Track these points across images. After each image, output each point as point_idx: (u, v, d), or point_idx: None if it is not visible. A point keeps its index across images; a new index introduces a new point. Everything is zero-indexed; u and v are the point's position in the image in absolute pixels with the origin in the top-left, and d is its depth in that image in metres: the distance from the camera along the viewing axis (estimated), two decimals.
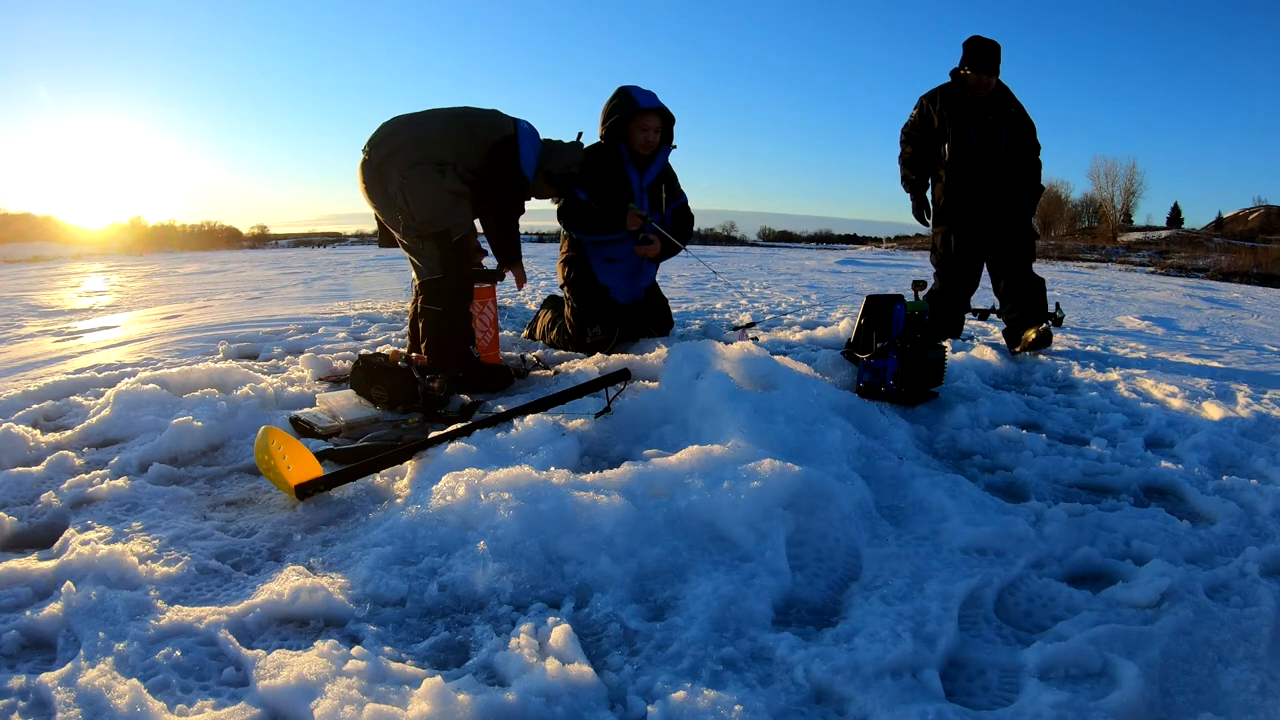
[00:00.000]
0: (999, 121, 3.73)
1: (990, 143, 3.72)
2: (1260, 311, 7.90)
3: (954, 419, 2.45)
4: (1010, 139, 3.75)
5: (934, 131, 3.81)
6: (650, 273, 3.68)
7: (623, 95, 3.34)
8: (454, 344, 2.80)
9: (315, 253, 22.29)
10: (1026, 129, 3.81)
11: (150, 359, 3.17)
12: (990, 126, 3.72)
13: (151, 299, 7.32)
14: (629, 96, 3.32)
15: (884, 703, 1.04)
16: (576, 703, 1.04)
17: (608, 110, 3.38)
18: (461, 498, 1.54)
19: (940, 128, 3.78)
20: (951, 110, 3.75)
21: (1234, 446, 2.23)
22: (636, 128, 3.34)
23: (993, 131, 3.72)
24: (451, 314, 2.84)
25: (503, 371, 2.87)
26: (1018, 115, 3.80)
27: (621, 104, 3.32)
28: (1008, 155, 3.74)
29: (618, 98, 3.35)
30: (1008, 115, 3.76)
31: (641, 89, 3.37)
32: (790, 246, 46.85)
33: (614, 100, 3.36)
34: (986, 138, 3.73)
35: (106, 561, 1.36)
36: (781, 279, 9.95)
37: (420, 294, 2.89)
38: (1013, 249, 3.81)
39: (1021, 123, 3.80)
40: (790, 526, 1.50)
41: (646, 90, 3.37)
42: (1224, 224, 51.01)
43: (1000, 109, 3.75)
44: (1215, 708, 1.08)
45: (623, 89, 3.38)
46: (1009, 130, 3.75)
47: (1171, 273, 22.78)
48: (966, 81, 3.72)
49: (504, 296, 6.23)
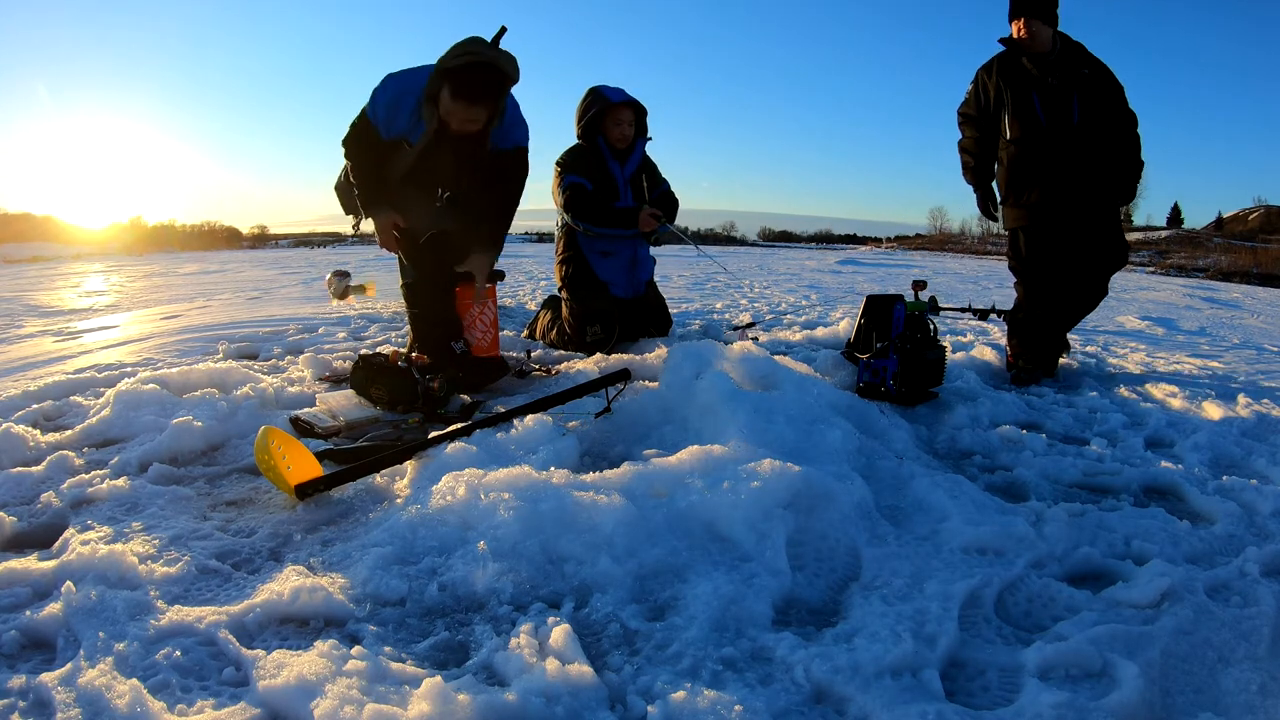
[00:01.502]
0: (1068, 87, 2.98)
1: (1059, 114, 2.98)
2: (1260, 311, 7.90)
3: (954, 419, 2.45)
4: (1086, 108, 2.98)
5: (993, 107, 3.14)
6: (648, 266, 3.73)
7: (594, 94, 3.49)
8: (437, 343, 2.74)
9: (315, 253, 22.27)
10: (1108, 94, 3.02)
11: (150, 359, 3.17)
12: (1057, 94, 2.98)
13: (151, 299, 7.32)
14: (600, 94, 3.47)
15: (884, 703, 1.04)
16: (576, 703, 1.04)
17: (582, 110, 3.51)
18: (461, 498, 1.54)
19: (998, 100, 3.10)
20: (1009, 79, 3.06)
21: (1234, 446, 2.23)
22: (611, 123, 3.47)
23: (1061, 100, 2.98)
24: (426, 314, 2.79)
25: (495, 362, 2.80)
26: (1094, 78, 3.01)
27: (595, 101, 3.46)
28: (1082, 129, 2.98)
29: (590, 97, 3.50)
30: (1079, 79, 2.99)
31: (611, 87, 3.51)
32: (790, 246, 46.89)
33: (586, 100, 3.50)
34: (1054, 108, 2.99)
35: (106, 561, 1.36)
36: (781, 279, 9.95)
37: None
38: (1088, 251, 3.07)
39: (1100, 87, 3.01)
40: (790, 526, 1.50)
41: (615, 87, 3.51)
42: (1224, 224, 51.02)
43: (1068, 70, 2.99)
44: (1215, 708, 1.08)
45: (593, 89, 3.52)
46: (1083, 98, 2.99)
47: (1171, 273, 22.79)
48: (1018, 42, 3.02)
49: (504, 297, 6.24)
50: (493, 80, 2.44)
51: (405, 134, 2.59)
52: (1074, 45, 3.05)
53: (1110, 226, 3.11)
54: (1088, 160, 2.99)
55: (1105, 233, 3.08)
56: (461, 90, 2.41)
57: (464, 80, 2.40)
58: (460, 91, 2.41)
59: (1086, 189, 3.01)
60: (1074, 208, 3.03)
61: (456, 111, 2.46)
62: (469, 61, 2.39)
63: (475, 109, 2.46)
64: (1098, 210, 3.05)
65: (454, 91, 2.41)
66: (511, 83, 2.53)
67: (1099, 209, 3.05)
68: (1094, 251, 3.08)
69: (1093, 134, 2.99)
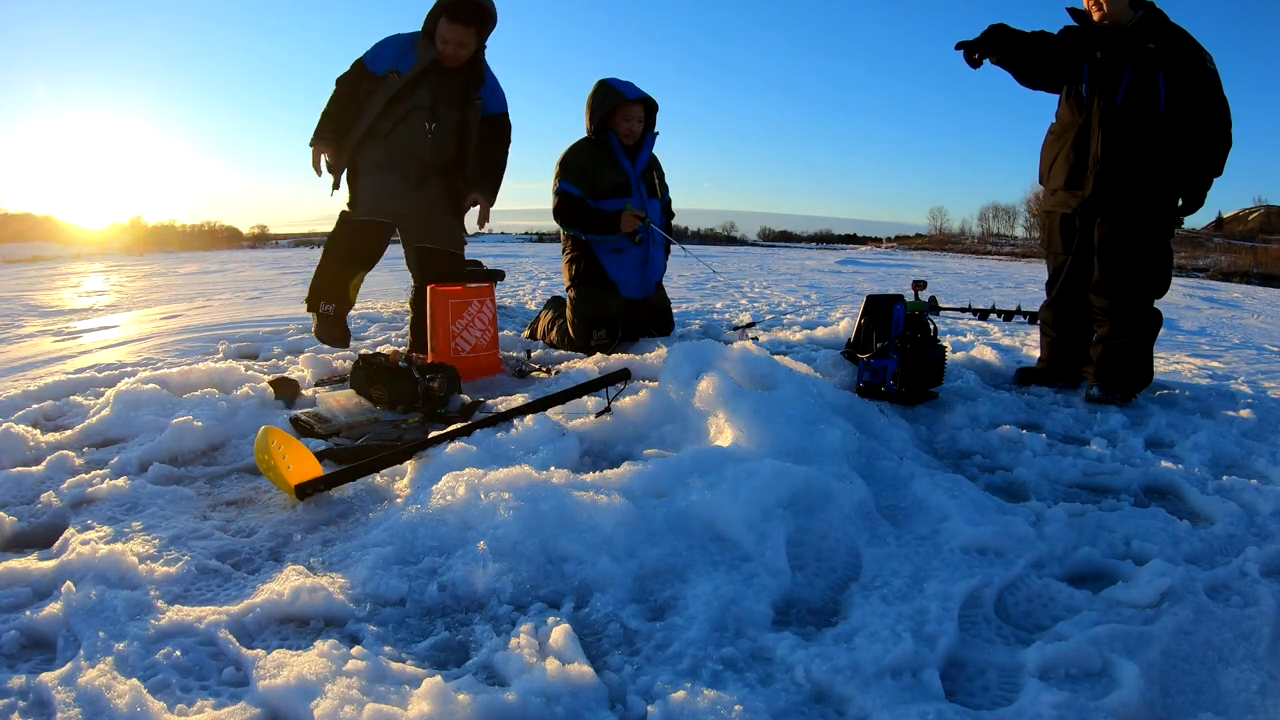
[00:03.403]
0: (1121, 63, 2.53)
1: (1105, 92, 2.56)
2: (1260, 311, 7.90)
3: (954, 419, 2.45)
4: (1136, 89, 2.51)
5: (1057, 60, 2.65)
6: (660, 265, 3.67)
7: (607, 88, 3.42)
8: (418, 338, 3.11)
9: (315, 253, 22.20)
10: (1181, 76, 2.49)
11: (150, 359, 3.18)
12: (1106, 71, 2.55)
13: (151, 299, 7.32)
14: (613, 89, 3.41)
15: (884, 703, 1.04)
16: (576, 703, 1.03)
17: (593, 104, 3.45)
18: (461, 498, 1.54)
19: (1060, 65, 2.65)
20: (1073, 49, 2.63)
21: (1234, 446, 2.23)
22: (621, 118, 3.43)
23: (1109, 77, 2.55)
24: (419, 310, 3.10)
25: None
26: (1160, 55, 2.48)
27: (609, 96, 3.40)
28: (1127, 112, 2.52)
29: (601, 90, 3.43)
30: (1139, 54, 2.51)
31: (621, 80, 3.45)
32: (790, 246, 46.92)
33: (598, 93, 3.44)
34: (1100, 85, 2.57)
35: (106, 561, 1.36)
36: (781, 279, 9.95)
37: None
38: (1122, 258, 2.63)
39: (1169, 67, 2.48)
40: (790, 526, 1.50)
41: (626, 81, 3.45)
42: (1224, 224, 51.05)
43: (1128, 44, 2.53)
44: (1215, 708, 1.08)
45: (604, 82, 3.45)
46: (1135, 76, 2.51)
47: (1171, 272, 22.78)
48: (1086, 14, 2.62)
49: (504, 297, 6.24)
50: (482, 7, 2.91)
51: (394, 65, 2.98)
52: (1158, 18, 2.55)
53: (1145, 235, 2.60)
54: (1129, 150, 2.53)
55: (1137, 241, 2.60)
56: (457, 13, 2.87)
57: (458, 5, 2.86)
58: (456, 15, 2.87)
59: (1122, 184, 2.56)
60: (1103, 204, 2.61)
61: (451, 35, 2.89)
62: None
63: (468, 31, 2.91)
64: (1133, 212, 2.59)
65: (450, 15, 2.86)
66: (493, 20, 2.97)
67: (1136, 210, 2.58)
68: (1118, 261, 2.63)
69: (1142, 119, 2.51)
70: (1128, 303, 2.67)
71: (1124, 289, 2.66)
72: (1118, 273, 2.66)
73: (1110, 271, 2.68)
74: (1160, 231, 2.65)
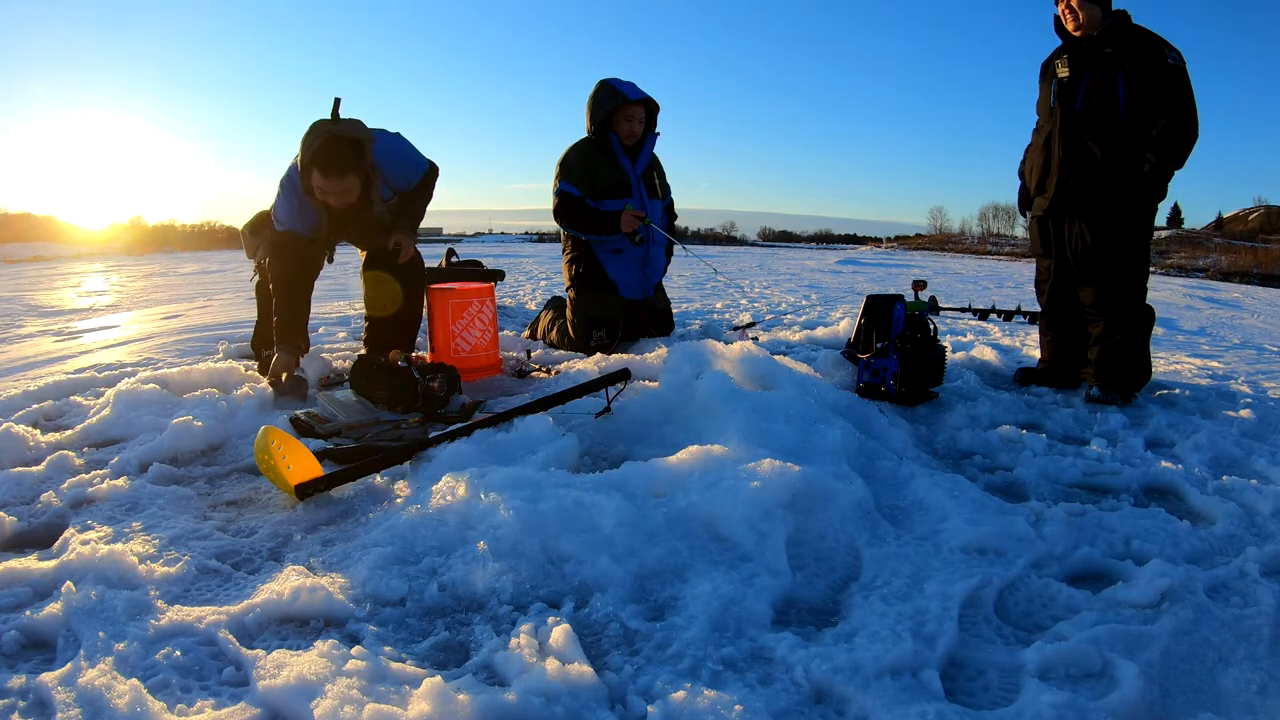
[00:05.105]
0: (1080, 70, 2.67)
1: (1065, 101, 2.71)
2: (1260, 311, 7.90)
3: (954, 419, 2.45)
4: (1093, 94, 2.64)
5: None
6: (660, 265, 3.67)
7: (608, 89, 3.41)
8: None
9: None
10: (1138, 77, 2.57)
11: (150, 359, 3.18)
12: (1068, 78, 2.71)
13: (151, 299, 7.32)
14: (615, 90, 3.39)
15: (884, 703, 1.04)
16: (576, 703, 1.03)
17: (594, 104, 3.43)
18: (461, 498, 1.54)
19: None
20: (1046, 64, 2.84)
21: (1234, 446, 2.23)
22: (622, 119, 3.41)
23: (1070, 85, 2.70)
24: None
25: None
26: (1116, 60, 2.59)
27: (610, 97, 3.39)
28: (1085, 116, 2.66)
29: (602, 91, 3.42)
30: (1098, 59, 2.63)
31: (622, 80, 3.43)
32: (790, 246, 46.91)
33: (599, 94, 3.42)
34: (1064, 91, 2.72)
35: (106, 561, 1.36)
36: (781, 279, 9.95)
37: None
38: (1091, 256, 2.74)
39: (1127, 69, 2.58)
40: (790, 526, 1.50)
41: (627, 81, 3.43)
42: (1224, 224, 51.05)
43: (1091, 52, 2.65)
44: (1215, 708, 1.08)
45: (605, 82, 3.43)
46: (1092, 81, 2.64)
47: (1171, 273, 22.80)
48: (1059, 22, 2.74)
49: (504, 297, 6.24)
50: (346, 148, 2.59)
51: (299, 228, 2.73)
52: (1124, 25, 2.64)
53: (1110, 231, 2.71)
54: (1085, 152, 2.68)
55: (1103, 238, 2.71)
56: (327, 168, 2.56)
57: (324, 159, 2.55)
58: (327, 169, 2.56)
59: (1079, 185, 2.71)
60: (1066, 205, 2.76)
61: (330, 189, 2.60)
62: (322, 142, 2.54)
63: (346, 179, 2.61)
64: (1095, 210, 2.71)
65: (322, 171, 2.56)
66: (363, 145, 2.64)
67: (1097, 209, 2.70)
68: (1089, 258, 2.75)
69: (1100, 122, 2.64)
70: (1111, 297, 2.78)
71: (1101, 284, 2.78)
72: (1090, 269, 2.79)
73: (1085, 269, 2.81)
74: (1127, 226, 2.74)
